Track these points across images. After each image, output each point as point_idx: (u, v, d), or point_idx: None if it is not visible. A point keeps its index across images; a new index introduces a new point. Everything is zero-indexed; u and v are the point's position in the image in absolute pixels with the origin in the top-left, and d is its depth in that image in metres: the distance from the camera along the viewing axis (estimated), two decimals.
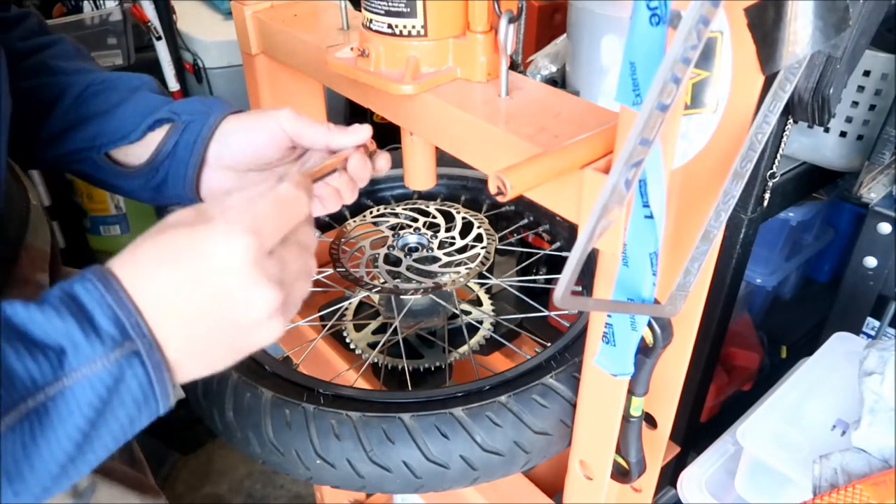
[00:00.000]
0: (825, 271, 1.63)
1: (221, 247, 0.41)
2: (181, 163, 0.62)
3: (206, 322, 0.41)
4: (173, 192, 0.64)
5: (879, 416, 0.67)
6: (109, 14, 1.64)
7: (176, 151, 0.62)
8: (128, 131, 0.63)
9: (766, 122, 0.45)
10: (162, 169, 0.63)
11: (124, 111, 0.63)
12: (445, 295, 0.87)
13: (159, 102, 0.64)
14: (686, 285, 0.49)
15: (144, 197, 0.65)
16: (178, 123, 0.62)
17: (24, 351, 0.37)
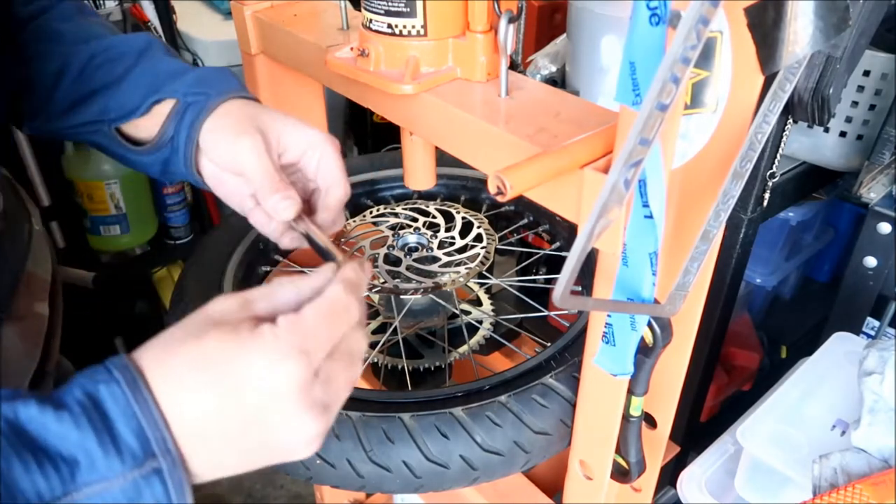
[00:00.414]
0: (825, 271, 1.63)
1: (268, 370, 0.38)
2: (179, 145, 0.60)
3: (239, 443, 0.39)
4: (178, 170, 0.62)
5: (879, 415, 0.67)
6: (109, 14, 1.65)
7: (176, 134, 0.60)
8: (134, 107, 0.61)
9: (766, 122, 0.45)
10: (167, 148, 0.61)
11: (129, 84, 0.61)
12: (445, 295, 0.87)
13: (165, 70, 0.61)
14: (686, 285, 0.49)
15: (155, 172, 0.63)
16: (180, 103, 0.60)
17: (32, 463, 0.33)
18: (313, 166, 0.59)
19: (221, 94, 0.60)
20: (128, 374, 0.36)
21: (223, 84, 0.61)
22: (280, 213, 0.56)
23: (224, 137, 0.58)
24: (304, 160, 0.60)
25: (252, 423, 0.38)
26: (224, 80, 0.62)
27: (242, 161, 0.56)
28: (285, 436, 0.39)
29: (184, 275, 0.81)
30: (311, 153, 0.59)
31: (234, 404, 0.38)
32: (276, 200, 0.55)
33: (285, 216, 0.56)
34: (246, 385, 0.38)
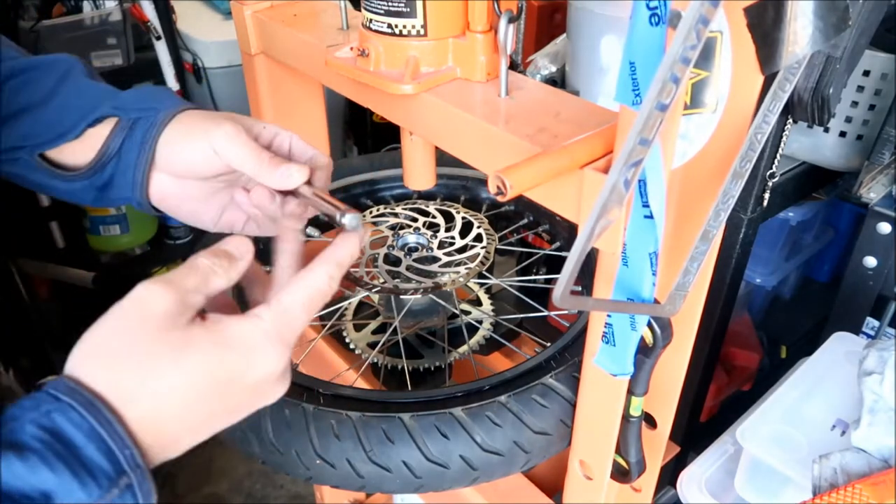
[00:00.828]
0: (825, 271, 1.63)
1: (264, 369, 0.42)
2: (128, 165, 0.56)
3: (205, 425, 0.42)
4: (120, 194, 0.57)
5: (879, 415, 0.67)
6: (109, 14, 1.65)
7: (122, 152, 0.56)
8: (64, 130, 0.55)
9: (766, 122, 0.45)
10: (107, 170, 0.56)
11: (56, 106, 0.56)
12: (445, 295, 0.87)
13: (98, 93, 0.57)
14: (685, 285, 0.49)
15: (86, 199, 0.58)
16: (123, 120, 0.55)
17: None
18: (286, 149, 0.57)
19: (171, 107, 0.56)
20: (80, 397, 0.36)
21: (169, 99, 0.57)
22: (295, 177, 0.53)
23: (190, 140, 0.54)
24: (274, 146, 0.57)
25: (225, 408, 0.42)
26: (168, 96, 0.58)
27: (224, 150, 0.53)
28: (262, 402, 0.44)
29: None
30: (280, 138, 0.57)
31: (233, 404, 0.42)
32: (288, 167, 0.53)
33: (300, 179, 0.53)
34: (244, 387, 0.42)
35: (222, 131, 0.53)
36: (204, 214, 0.59)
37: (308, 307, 0.45)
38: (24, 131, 0.56)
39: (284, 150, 0.57)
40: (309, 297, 0.45)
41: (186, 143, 0.54)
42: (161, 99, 0.57)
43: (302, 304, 0.44)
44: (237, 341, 0.41)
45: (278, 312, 0.43)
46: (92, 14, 1.63)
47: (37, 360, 1.70)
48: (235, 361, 0.41)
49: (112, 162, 0.56)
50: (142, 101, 0.56)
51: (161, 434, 0.39)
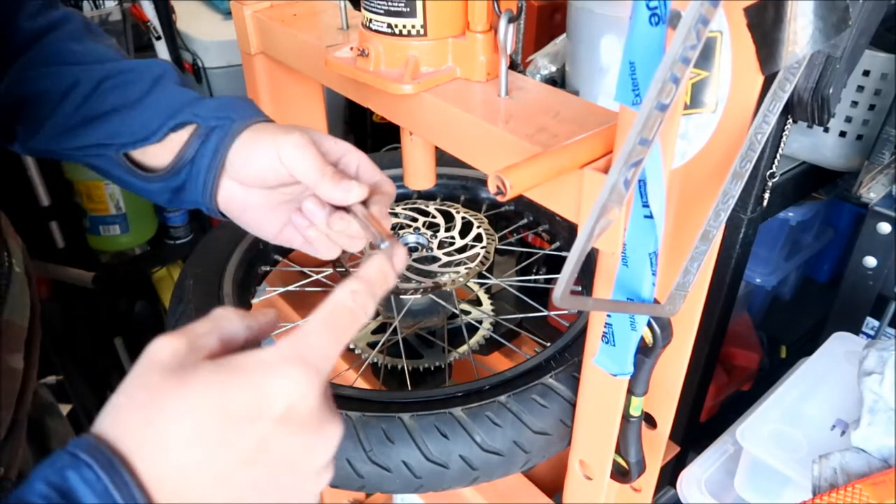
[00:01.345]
0: (825, 271, 1.63)
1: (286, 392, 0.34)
2: (200, 170, 0.58)
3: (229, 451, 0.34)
4: (191, 198, 0.59)
5: (879, 415, 0.67)
6: (109, 14, 1.65)
7: (196, 158, 0.58)
8: (149, 133, 0.58)
9: (766, 122, 0.45)
10: (181, 174, 0.59)
11: (145, 109, 0.58)
12: (445, 295, 0.87)
13: (182, 99, 0.59)
14: (685, 285, 0.49)
15: (162, 199, 0.61)
16: (202, 128, 0.58)
17: None
18: (353, 169, 0.57)
19: (247, 118, 0.58)
20: (101, 455, 0.32)
21: (247, 109, 0.59)
22: (355, 192, 0.52)
23: (257, 146, 0.56)
24: (342, 164, 0.57)
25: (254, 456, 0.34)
26: (247, 106, 0.60)
27: (289, 158, 0.53)
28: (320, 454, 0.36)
29: (184, 275, 0.81)
30: (348, 157, 0.57)
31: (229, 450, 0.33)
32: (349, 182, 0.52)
33: (359, 195, 0.53)
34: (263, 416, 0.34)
35: (290, 139, 0.53)
36: (266, 224, 0.60)
37: (331, 325, 0.38)
38: (113, 130, 0.58)
39: (351, 170, 0.57)
40: (330, 313, 0.38)
41: (254, 150, 0.56)
42: (239, 109, 0.58)
43: (323, 322, 0.37)
44: (247, 366, 0.35)
45: (297, 335, 0.36)
46: (92, 14, 1.63)
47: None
48: (247, 388, 0.34)
49: (187, 167, 0.58)
50: (221, 109, 0.58)
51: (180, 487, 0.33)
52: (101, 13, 1.64)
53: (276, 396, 0.34)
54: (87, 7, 1.65)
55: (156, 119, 0.58)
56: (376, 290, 0.41)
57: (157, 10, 1.71)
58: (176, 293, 0.79)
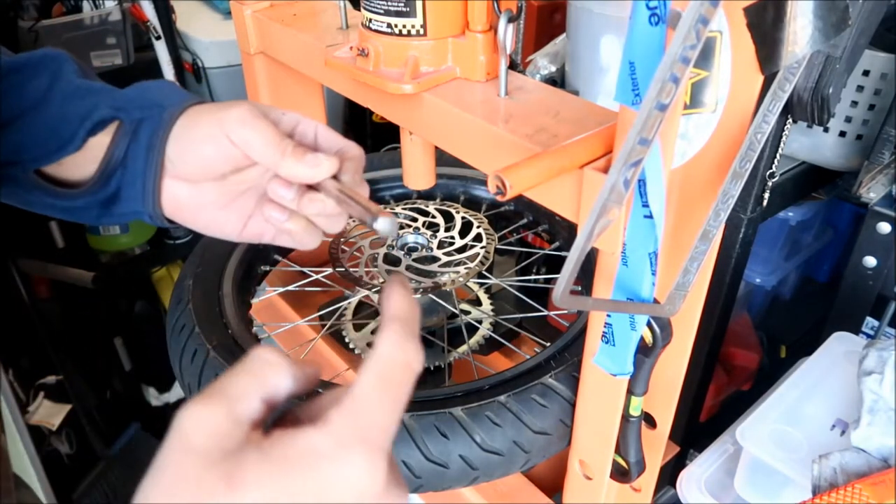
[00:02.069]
0: (824, 271, 1.63)
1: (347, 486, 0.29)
2: (136, 174, 0.49)
3: None
4: (128, 208, 0.50)
5: (879, 415, 0.67)
6: (109, 14, 1.65)
7: (127, 160, 0.49)
8: (62, 142, 0.48)
9: (766, 122, 0.45)
10: (112, 182, 0.49)
11: (52, 113, 0.48)
12: (445, 294, 0.86)
13: (94, 94, 0.49)
14: (685, 285, 0.49)
15: (88, 217, 0.51)
16: (126, 123, 0.49)
17: None
18: (311, 138, 0.50)
19: (176, 102, 0.49)
20: None
21: (174, 93, 0.50)
22: (324, 166, 0.46)
23: (201, 132, 0.47)
24: (297, 135, 0.50)
25: None
26: (173, 90, 0.51)
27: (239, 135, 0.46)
28: None
29: (183, 275, 0.81)
30: (303, 126, 0.50)
31: None
32: (315, 155, 0.46)
33: (329, 169, 0.46)
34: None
35: (235, 114, 0.46)
36: (225, 224, 0.53)
37: (386, 389, 0.32)
38: (16, 145, 0.48)
39: (309, 140, 0.50)
40: (381, 376, 0.32)
41: (195, 136, 0.48)
42: (166, 94, 0.50)
43: (376, 388, 0.32)
44: (302, 459, 0.29)
45: (350, 409, 0.31)
46: (91, 14, 1.63)
47: (37, 360, 1.70)
48: (305, 486, 0.29)
49: (118, 172, 0.49)
50: (144, 98, 0.49)
51: None
52: (101, 13, 1.64)
53: (342, 491, 0.30)
54: (87, 7, 1.65)
55: (67, 123, 0.48)
56: (413, 326, 0.35)
57: (156, 10, 1.71)
58: (176, 293, 0.79)
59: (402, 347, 0.33)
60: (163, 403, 2.05)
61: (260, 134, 0.46)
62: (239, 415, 0.30)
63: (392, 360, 0.33)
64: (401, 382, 0.33)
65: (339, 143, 0.51)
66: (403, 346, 0.33)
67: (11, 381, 1.51)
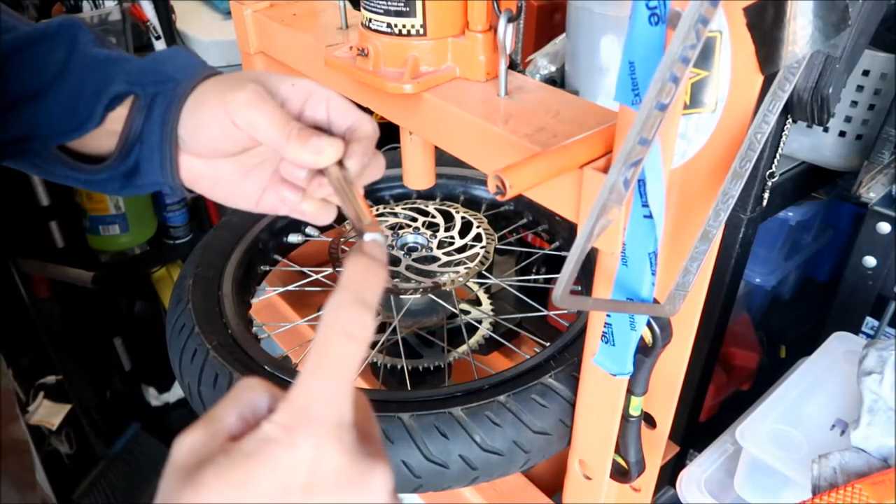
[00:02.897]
0: (824, 271, 1.63)
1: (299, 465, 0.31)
2: (153, 149, 0.49)
3: None
4: (149, 179, 0.51)
5: (878, 415, 0.67)
6: (108, 13, 1.65)
7: (143, 136, 0.49)
8: (82, 119, 0.48)
9: (766, 122, 0.45)
10: (132, 156, 0.50)
11: (70, 88, 0.48)
12: (444, 294, 0.86)
13: (109, 65, 0.49)
14: (685, 285, 0.49)
15: (112, 189, 0.52)
16: (141, 98, 0.49)
17: None
18: (322, 111, 0.48)
19: (190, 76, 0.49)
20: None
21: (187, 64, 0.50)
22: (327, 152, 0.44)
23: (207, 114, 0.47)
24: (308, 109, 0.48)
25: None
26: (185, 58, 0.50)
27: (244, 119, 0.45)
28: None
29: (183, 275, 0.81)
30: (314, 99, 0.48)
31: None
32: (318, 141, 0.44)
33: (332, 156, 0.45)
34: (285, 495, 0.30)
35: (241, 97, 0.45)
36: (241, 196, 0.52)
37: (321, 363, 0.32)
38: (36, 120, 0.49)
39: (321, 115, 0.49)
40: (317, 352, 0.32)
41: (202, 117, 0.47)
42: (180, 66, 0.49)
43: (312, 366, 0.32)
44: (257, 450, 0.31)
45: (293, 395, 0.32)
46: (91, 13, 1.63)
47: (37, 360, 1.70)
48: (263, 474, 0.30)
49: (136, 147, 0.50)
50: (158, 70, 0.49)
51: None
52: (101, 13, 1.64)
53: (291, 470, 0.31)
54: (87, 7, 1.65)
55: (84, 100, 0.48)
56: (366, 293, 0.33)
57: (156, 9, 1.71)
58: (175, 293, 0.79)
59: (336, 316, 0.32)
60: (162, 403, 2.05)
61: (265, 117, 0.45)
62: (216, 430, 0.32)
63: (327, 333, 0.32)
64: (338, 354, 0.32)
65: (352, 117, 0.48)
66: (338, 315, 0.32)
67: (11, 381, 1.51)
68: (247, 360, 0.69)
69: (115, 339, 1.96)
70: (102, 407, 1.88)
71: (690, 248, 0.48)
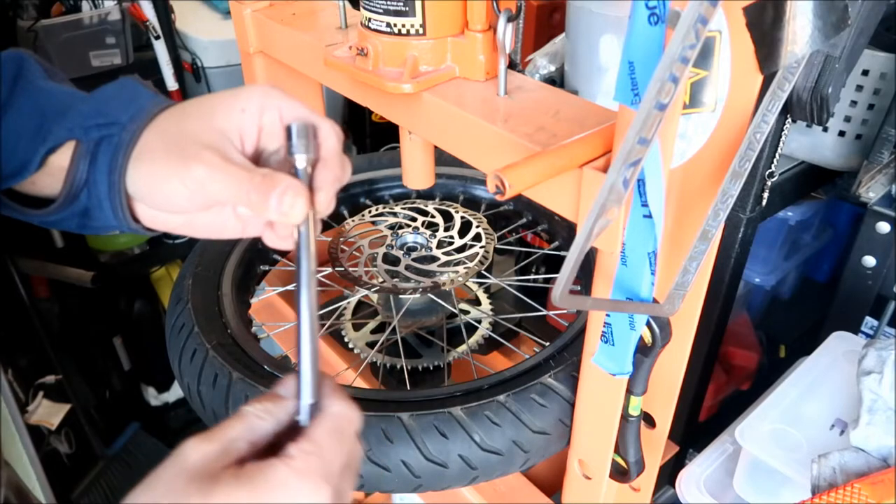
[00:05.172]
0: (824, 271, 1.63)
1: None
2: (101, 197, 0.47)
3: None
4: (102, 223, 0.48)
5: (878, 415, 0.67)
6: (108, 13, 1.64)
7: (90, 183, 0.47)
8: (19, 165, 0.46)
9: (765, 122, 0.45)
10: (80, 200, 0.47)
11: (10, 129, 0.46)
12: (444, 294, 0.86)
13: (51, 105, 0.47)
14: (684, 284, 0.49)
15: (70, 227, 0.49)
16: (83, 144, 0.46)
17: None
18: (278, 123, 0.46)
19: (134, 118, 0.46)
20: None
21: (131, 103, 0.47)
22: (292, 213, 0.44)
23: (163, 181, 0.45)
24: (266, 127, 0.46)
25: None
26: (132, 93, 0.47)
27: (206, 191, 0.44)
28: None
29: (183, 274, 0.81)
30: (268, 116, 0.46)
31: None
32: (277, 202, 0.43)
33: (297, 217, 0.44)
34: None
35: (196, 178, 0.44)
36: (224, 229, 0.50)
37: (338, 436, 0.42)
38: None
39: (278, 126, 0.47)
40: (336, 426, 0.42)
41: (163, 188, 0.45)
42: (126, 104, 0.47)
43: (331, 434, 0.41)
44: (266, 483, 0.37)
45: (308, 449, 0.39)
46: (91, 13, 1.63)
47: (36, 360, 1.70)
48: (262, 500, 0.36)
49: (83, 193, 0.47)
50: (102, 112, 0.46)
51: None
52: (101, 13, 1.64)
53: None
54: (86, 7, 1.65)
55: (24, 143, 0.46)
56: None
57: (156, 9, 1.71)
58: (175, 292, 0.79)
59: (349, 406, 0.43)
60: (162, 403, 2.05)
61: (223, 184, 0.44)
62: (230, 451, 0.38)
63: (343, 415, 0.43)
64: (349, 434, 0.43)
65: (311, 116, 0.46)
66: (350, 406, 0.44)
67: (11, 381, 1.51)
68: (246, 359, 0.69)
69: (115, 338, 1.96)
70: (102, 407, 1.88)
71: (690, 248, 0.48)
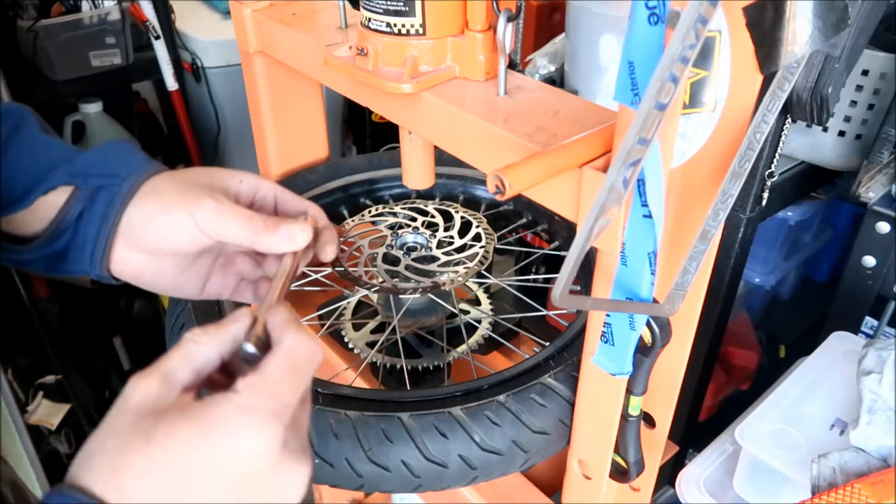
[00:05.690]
0: (824, 271, 1.63)
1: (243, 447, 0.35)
2: (87, 239, 0.49)
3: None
4: (75, 267, 0.51)
5: (878, 415, 0.67)
6: (108, 13, 1.64)
7: (80, 225, 0.49)
8: (13, 199, 0.48)
9: (765, 122, 0.45)
10: (60, 241, 0.50)
11: (7, 168, 0.48)
12: (444, 294, 0.86)
13: (52, 153, 0.50)
14: (684, 284, 0.49)
15: (37, 268, 0.51)
16: (83, 189, 0.49)
17: None
18: (271, 202, 0.53)
19: (136, 172, 0.50)
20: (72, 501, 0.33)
21: (133, 160, 0.51)
22: (299, 237, 0.49)
23: (169, 216, 0.49)
24: (258, 200, 0.53)
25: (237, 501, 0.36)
26: (132, 157, 0.51)
27: (212, 227, 0.48)
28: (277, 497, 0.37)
29: None
30: (262, 192, 0.53)
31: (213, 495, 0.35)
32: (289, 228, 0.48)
33: (305, 238, 0.49)
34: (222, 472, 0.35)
35: (208, 210, 0.48)
36: (185, 286, 0.55)
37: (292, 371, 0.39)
38: None
39: (269, 203, 0.54)
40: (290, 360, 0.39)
41: (166, 219, 0.49)
42: (126, 162, 0.50)
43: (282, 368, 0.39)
44: (210, 420, 0.36)
45: (256, 384, 0.37)
46: (91, 13, 1.63)
47: (36, 360, 1.70)
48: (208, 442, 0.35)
49: (67, 233, 0.50)
50: (104, 165, 0.50)
51: None
52: (100, 12, 1.64)
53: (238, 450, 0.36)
54: (86, 7, 1.65)
55: (21, 181, 0.49)
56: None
57: (156, 9, 1.71)
58: None
59: (308, 339, 0.40)
60: None
61: (232, 221, 0.48)
62: (170, 382, 0.37)
63: (299, 349, 0.40)
64: (305, 369, 0.40)
65: (302, 206, 0.53)
66: (308, 339, 0.40)
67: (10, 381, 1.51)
68: None
69: (115, 338, 1.96)
70: (102, 407, 1.88)
71: (690, 248, 0.48)
